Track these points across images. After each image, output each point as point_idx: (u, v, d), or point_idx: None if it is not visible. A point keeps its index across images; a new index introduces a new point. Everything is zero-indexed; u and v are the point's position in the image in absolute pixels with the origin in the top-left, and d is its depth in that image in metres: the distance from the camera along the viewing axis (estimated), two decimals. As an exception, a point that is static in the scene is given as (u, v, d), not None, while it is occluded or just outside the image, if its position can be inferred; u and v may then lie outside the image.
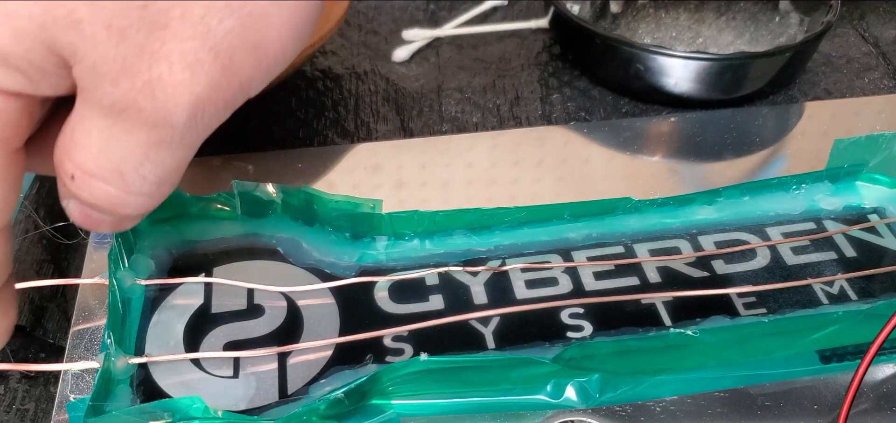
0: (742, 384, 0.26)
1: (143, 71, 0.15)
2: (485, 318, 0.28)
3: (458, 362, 0.25)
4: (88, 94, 0.16)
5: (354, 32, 0.45)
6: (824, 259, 0.30)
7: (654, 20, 0.43)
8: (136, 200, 0.17)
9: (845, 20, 0.46)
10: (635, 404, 0.25)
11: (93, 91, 0.16)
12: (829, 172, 0.33)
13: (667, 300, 0.28)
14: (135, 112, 0.16)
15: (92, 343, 0.27)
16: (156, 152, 0.16)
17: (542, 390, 0.25)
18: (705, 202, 0.32)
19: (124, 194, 0.17)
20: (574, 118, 0.39)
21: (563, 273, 0.30)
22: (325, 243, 0.30)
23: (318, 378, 0.26)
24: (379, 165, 0.35)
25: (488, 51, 0.44)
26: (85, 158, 0.16)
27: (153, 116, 0.16)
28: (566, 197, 0.32)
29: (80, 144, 0.16)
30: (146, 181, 0.17)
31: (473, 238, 0.31)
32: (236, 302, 0.28)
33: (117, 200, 0.17)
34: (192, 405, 0.23)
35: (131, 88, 0.15)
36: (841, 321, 0.26)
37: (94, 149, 0.16)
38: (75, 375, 0.25)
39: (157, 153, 0.16)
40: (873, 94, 0.41)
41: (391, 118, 0.39)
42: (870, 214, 0.32)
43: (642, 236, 0.31)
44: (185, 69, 0.15)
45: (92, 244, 0.30)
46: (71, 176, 0.17)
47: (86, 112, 0.16)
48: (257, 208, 0.30)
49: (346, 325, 0.28)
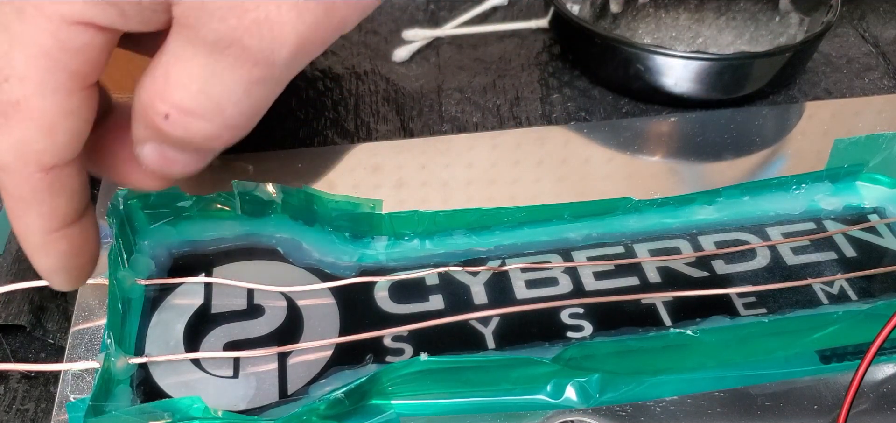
0: (742, 384, 0.26)
1: (250, 9, 0.15)
2: (485, 318, 0.28)
3: (458, 362, 0.25)
4: (191, 31, 0.16)
5: (354, 32, 0.45)
6: (824, 259, 0.30)
7: (654, 20, 0.43)
8: (229, 135, 0.17)
9: (845, 20, 0.46)
10: (635, 404, 0.25)
11: (197, 28, 0.16)
12: (829, 172, 0.33)
13: (667, 300, 0.28)
14: (239, 49, 0.16)
15: (92, 343, 0.27)
16: (256, 88, 0.16)
17: (542, 390, 0.25)
18: (705, 202, 0.32)
19: (220, 129, 0.17)
20: (574, 118, 0.39)
21: (563, 273, 0.30)
22: (325, 243, 0.30)
23: (318, 378, 0.26)
24: (379, 165, 0.35)
25: (488, 51, 0.44)
26: (183, 97, 0.16)
27: (258, 54, 0.16)
28: (566, 197, 0.32)
29: (180, 82, 0.16)
30: (242, 115, 0.17)
31: (473, 238, 0.31)
32: (236, 302, 0.28)
33: (212, 135, 0.17)
34: (192, 405, 0.23)
35: (238, 25, 0.15)
36: (841, 321, 0.26)
37: (194, 87, 0.16)
38: (75, 375, 0.25)
39: (256, 89, 0.17)
40: (873, 94, 0.41)
41: (391, 118, 0.39)
42: (870, 214, 0.32)
43: (642, 236, 0.31)
44: (291, 8, 0.15)
45: (92, 244, 0.30)
46: (165, 116, 0.17)
47: (186, 50, 0.16)
48: (257, 208, 0.30)
49: (346, 325, 0.28)
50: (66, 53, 0.16)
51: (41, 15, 0.16)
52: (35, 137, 0.17)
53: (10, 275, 0.29)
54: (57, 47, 0.16)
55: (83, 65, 0.16)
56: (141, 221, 0.30)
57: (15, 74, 0.16)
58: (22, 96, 0.16)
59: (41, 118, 0.17)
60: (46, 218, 0.19)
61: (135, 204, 0.29)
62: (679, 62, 0.37)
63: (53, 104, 0.17)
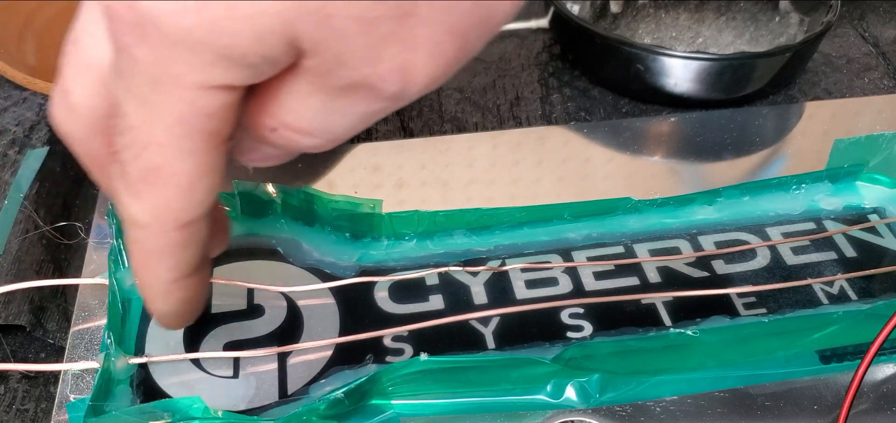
0: (742, 384, 0.26)
1: (386, 59, 0.15)
2: (485, 318, 0.28)
3: (458, 362, 0.25)
4: (319, 77, 0.16)
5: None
6: (824, 259, 0.30)
7: (654, 20, 0.43)
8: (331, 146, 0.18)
9: (845, 20, 0.46)
10: (635, 404, 0.25)
11: (326, 76, 0.16)
12: (829, 172, 0.33)
13: (667, 300, 0.28)
14: (367, 91, 0.16)
15: (92, 343, 0.27)
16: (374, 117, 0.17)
17: (542, 390, 0.25)
18: (705, 202, 0.32)
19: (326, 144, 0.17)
20: (574, 118, 0.39)
21: (563, 273, 0.30)
22: (325, 243, 0.30)
23: (318, 378, 0.26)
24: (379, 165, 0.35)
25: (488, 51, 0.44)
26: (295, 121, 0.17)
27: (386, 95, 0.16)
28: (566, 197, 0.32)
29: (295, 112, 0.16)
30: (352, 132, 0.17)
31: (473, 238, 0.31)
32: (236, 302, 0.28)
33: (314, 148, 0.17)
34: (192, 405, 0.23)
35: (371, 73, 0.15)
36: (841, 321, 0.26)
37: (308, 115, 0.16)
38: (75, 375, 0.25)
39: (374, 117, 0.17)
40: (873, 94, 0.41)
41: (391, 118, 0.39)
42: (870, 214, 0.32)
43: (642, 236, 0.31)
44: (428, 54, 0.16)
45: (92, 244, 0.30)
46: (271, 129, 0.17)
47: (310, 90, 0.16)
48: (257, 208, 0.30)
49: (346, 325, 0.28)
50: (201, 118, 0.16)
51: (177, 86, 0.16)
52: (174, 198, 0.17)
53: (10, 275, 0.29)
54: (193, 113, 0.16)
55: (219, 124, 0.16)
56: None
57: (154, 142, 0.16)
58: (162, 162, 0.17)
59: (181, 180, 0.17)
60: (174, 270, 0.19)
61: (135, 204, 0.29)
62: (679, 62, 0.37)
63: (192, 166, 0.17)
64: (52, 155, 0.35)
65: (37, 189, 0.33)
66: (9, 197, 0.33)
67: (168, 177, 0.17)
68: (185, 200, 0.17)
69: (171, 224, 0.18)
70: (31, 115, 0.38)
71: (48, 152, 0.35)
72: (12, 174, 0.34)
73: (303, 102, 0.16)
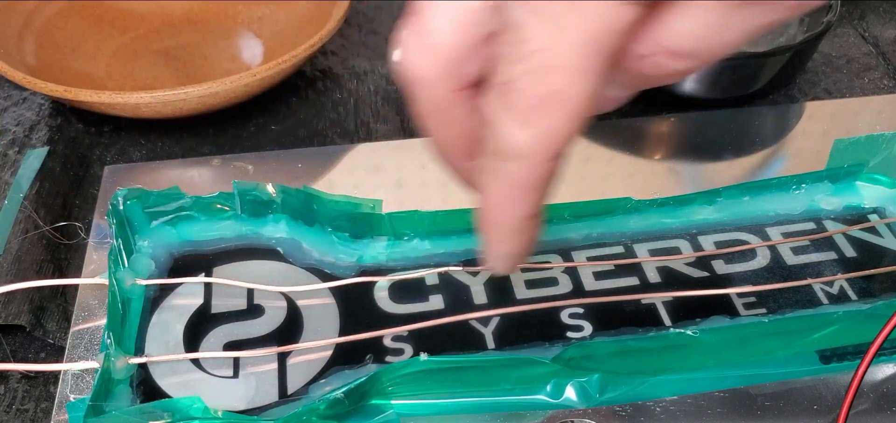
0: (742, 384, 0.26)
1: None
2: (485, 318, 0.28)
3: (458, 362, 0.25)
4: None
5: (354, 32, 0.45)
6: (824, 259, 0.30)
7: (654, 20, 0.43)
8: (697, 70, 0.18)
9: (845, 20, 0.46)
10: (635, 404, 0.25)
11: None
12: (829, 172, 0.33)
13: (667, 300, 0.28)
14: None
15: (92, 343, 0.27)
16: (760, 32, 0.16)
17: (542, 390, 0.25)
18: (705, 202, 0.32)
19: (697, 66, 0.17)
20: (574, 118, 0.39)
21: (563, 273, 0.30)
22: (325, 243, 0.30)
23: (318, 378, 0.26)
24: (379, 165, 0.35)
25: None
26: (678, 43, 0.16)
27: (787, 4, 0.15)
28: (566, 197, 0.32)
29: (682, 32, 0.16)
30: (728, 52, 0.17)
31: (473, 238, 0.31)
32: (236, 302, 0.28)
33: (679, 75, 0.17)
34: (192, 405, 0.23)
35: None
36: (841, 321, 0.26)
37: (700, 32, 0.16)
38: (75, 375, 0.25)
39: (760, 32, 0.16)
40: (873, 94, 0.41)
41: (391, 118, 0.39)
42: (870, 214, 0.32)
43: (642, 236, 0.31)
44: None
45: (92, 244, 0.30)
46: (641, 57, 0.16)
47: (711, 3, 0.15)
48: (257, 208, 0.30)
49: (346, 325, 0.28)
50: (609, 35, 0.15)
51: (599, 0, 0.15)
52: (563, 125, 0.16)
53: (10, 275, 0.29)
54: (603, 30, 0.15)
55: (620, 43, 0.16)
56: (141, 220, 0.30)
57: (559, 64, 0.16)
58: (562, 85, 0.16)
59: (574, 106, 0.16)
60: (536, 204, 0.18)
61: (135, 204, 0.29)
62: (679, 62, 0.36)
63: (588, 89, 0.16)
64: (52, 155, 0.35)
65: (37, 189, 0.33)
66: (9, 197, 0.33)
67: (564, 100, 0.16)
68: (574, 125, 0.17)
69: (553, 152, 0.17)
70: (31, 115, 0.38)
71: (48, 152, 0.35)
72: (12, 174, 0.34)
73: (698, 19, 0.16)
